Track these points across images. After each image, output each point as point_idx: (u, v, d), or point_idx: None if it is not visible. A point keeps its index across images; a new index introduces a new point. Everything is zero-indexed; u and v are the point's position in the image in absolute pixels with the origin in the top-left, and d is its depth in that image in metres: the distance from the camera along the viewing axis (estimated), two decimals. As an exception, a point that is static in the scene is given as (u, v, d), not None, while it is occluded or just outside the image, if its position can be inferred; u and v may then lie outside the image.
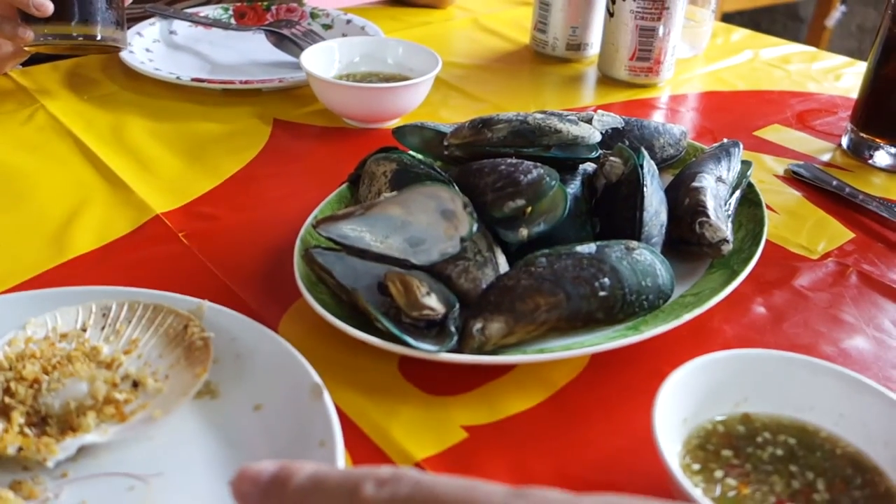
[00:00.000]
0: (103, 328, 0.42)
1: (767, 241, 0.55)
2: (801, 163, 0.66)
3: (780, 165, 0.66)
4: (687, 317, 0.43)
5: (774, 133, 0.72)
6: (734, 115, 0.77)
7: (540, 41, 0.87)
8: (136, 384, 0.38)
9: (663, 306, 0.45)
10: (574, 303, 0.42)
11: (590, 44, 0.86)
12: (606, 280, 0.43)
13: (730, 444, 0.36)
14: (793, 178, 0.64)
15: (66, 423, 0.36)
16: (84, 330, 0.41)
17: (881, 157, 0.66)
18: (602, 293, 0.42)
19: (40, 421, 0.36)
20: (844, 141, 0.70)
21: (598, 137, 0.52)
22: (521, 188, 0.46)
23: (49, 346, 0.40)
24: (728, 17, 2.52)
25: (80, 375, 0.37)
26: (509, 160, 0.49)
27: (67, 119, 0.68)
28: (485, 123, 0.51)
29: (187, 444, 0.36)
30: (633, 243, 0.45)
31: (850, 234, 0.57)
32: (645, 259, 0.44)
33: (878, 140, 0.66)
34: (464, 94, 0.79)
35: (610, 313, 0.43)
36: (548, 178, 0.46)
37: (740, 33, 0.97)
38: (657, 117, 0.77)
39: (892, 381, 0.44)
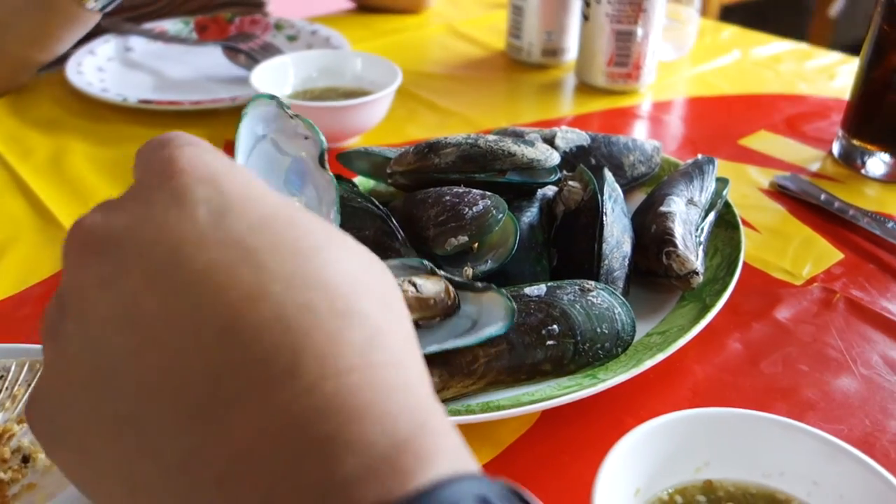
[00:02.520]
0: (10, 387, 0.38)
1: (748, 265, 0.51)
2: (788, 174, 0.61)
3: (765, 178, 0.62)
4: (649, 363, 0.39)
5: (761, 141, 0.68)
6: (719, 123, 0.72)
7: (515, 47, 0.83)
8: (26, 459, 0.34)
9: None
10: (518, 353, 0.38)
11: (566, 49, 0.81)
12: (555, 327, 0.38)
13: (688, 519, 0.32)
14: (778, 192, 0.60)
15: (-62, 512, 0.32)
16: (-14, 392, 0.37)
17: (874, 166, 0.61)
18: (550, 342, 0.38)
19: None
20: (835, 148, 0.65)
21: (556, 159, 0.48)
22: (465, 222, 0.42)
23: (-65, 416, 0.36)
24: (730, 10, 2.47)
25: (-37, 452, 0.33)
26: (456, 189, 0.45)
27: (3, 146, 0.64)
28: (431, 148, 0.47)
29: (75, 530, 0.32)
30: (590, 283, 0.40)
31: (839, 255, 0.52)
32: (602, 302, 0.40)
33: (870, 147, 0.61)
34: (433, 107, 0.74)
35: (559, 364, 0.38)
36: (494, 211, 0.42)
37: (729, 31, 0.93)
38: (638, 126, 0.73)
39: (879, 426, 0.39)
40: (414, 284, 0.37)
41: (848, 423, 0.39)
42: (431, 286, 0.37)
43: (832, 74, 0.81)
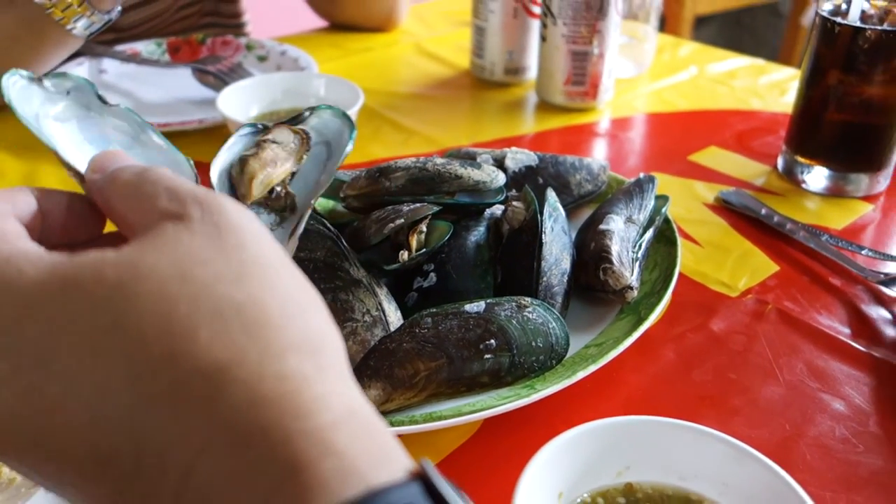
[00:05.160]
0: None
1: (687, 278, 0.54)
2: (732, 189, 0.64)
3: (711, 193, 0.64)
4: (582, 374, 0.41)
5: (710, 157, 0.70)
6: (671, 139, 0.75)
7: (478, 66, 0.86)
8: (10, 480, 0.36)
9: (563, 361, 0.43)
10: (456, 367, 0.40)
11: (528, 67, 0.84)
12: (493, 342, 0.41)
13: (607, 520, 0.34)
14: (722, 207, 0.62)
15: None
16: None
17: (813, 180, 0.64)
18: (488, 356, 0.41)
19: None
20: (779, 163, 0.68)
21: (502, 181, 0.50)
22: (402, 213, 0.45)
23: None
24: (704, 20, 2.50)
25: (-73, 469, 0.35)
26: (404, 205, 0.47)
27: (-22, 170, 0.66)
28: (382, 172, 0.50)
29: (36, 540, 0.34)
30: (526, 300, 0.43)
31: (775, 267, 0.55)
32: (537, 317, 0.42)
33: (810, 162, 0.64)
34: (396, 126, 0.77)
35: (496, 377, 0.41)
36: (430, 206, 0.45)
37: (688, 47, 0.96)
38: (596, 143, 0.75)
39: (798, 431, 0.42)
40: (275, 142, 0.40)
41: (770, 429, 0.42)
42: (283, 135, 0.41)
43: (784, 90, 0.84)
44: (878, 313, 0.50)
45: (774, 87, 0.84)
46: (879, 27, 0.58)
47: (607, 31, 0.75)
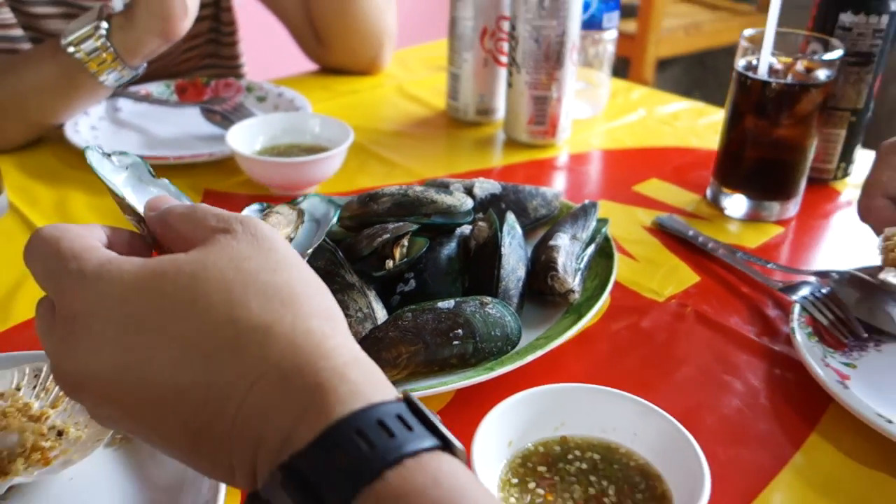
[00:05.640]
0: (35, 387, 0.49)
1: (623, 286, 0.65)
2: (667, 215, 0.75)
3: (649, 217, 0.75)
4: (531, 358, 0.52)
5: (651, 187, 0.82)
6: (619, 172, 0.86)
7: (453, 107, 0.97)
8: (60, 433, 0.46)
9: (517, 349, 0.54)
10: (431, 351, 0.50)
11: (496, 108, 0.96)
12: (460, 331, 0.51)
13: (546, 462, 0.44)
14: (657, 229, 0.74)
15: (1, 468, 0.43)
16: (18, 389, 0.49)
17: (734, 207, 0.76)
18: (456, 342, 0.51)
19: (-21, 465, 0.43)
20: (708, 193, 0.79)
21: (470, 205, 0.61)
22: (387, 230, 0.55)
23: (-12, 403, 0.47)
24: (667, 62, 2.64)
25: (11, 428, 0.45)
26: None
27: (13, 196, 0.76)
28: (371, 198, 0.60)
29: (101, 482, 0.44)
30: (487, 299, 0.54)
31: (696, 278, 0.66)
32: (496, 312, 0.53)
33: (732, 192, 0.76)
34: (381, 160, 0.88)
35: (463, 359, 0.51)
36: (411, 226, 0.56)
37: (639, 92, 1.08)
38: (555, 175, 0.86)
39: (704, 403, 0.52)
40: (278, 213, 0.54)
41: (681, 401, 0.52)
42: (284, 210, 0.55)
43: (719, 130, 0.95)
44: (777, 314, 0.61)
45: (711, 127, 0.96)
46: (783, 80, 0.70)
47: (564, 78, 0.86)
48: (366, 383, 0.31)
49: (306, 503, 0.28)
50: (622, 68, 2.46)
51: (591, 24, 0.93)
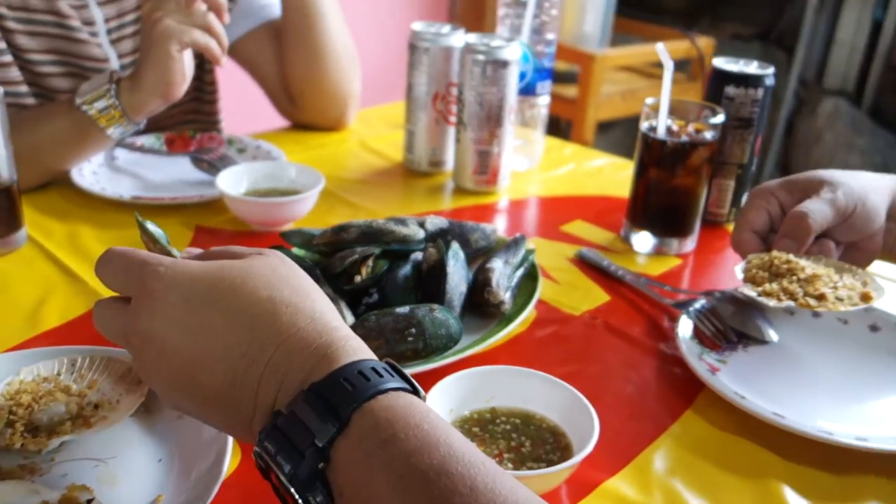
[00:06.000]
0: (72, 374, 0.61)
1: (547, 304, 0.79)
2: (587, 249, 0.90)
3: (572, 251, 0.91)
4: (469, 353, 0.66)
5: (576, 227, 0.97)
6: (550, 215, 1.02)
7: (409, 159, 1.12)
8: (96, 406, 0.58)
9: (459, 346, 0.67)
10: (391, 345, 0.64)
11: (446, 161, 1.11)
12: (413, 330, 0.65)
13: (479, 424, 0.58)
14: (578, 260, 0.89)
15: (52, 430, 0.55)
16: (59, 375, 0.61)
17: (641, 243, 0.92)
18: (410, 339, 0.65)
19: (34, 429, 0.55)
20: (622, 231, 0.95)
21: (422, 235, 0.76)
22: (356, 253, 0.69)
23: (36, 385, 0.59)
24: (606, 125, 2.84)
25: (59, 400, 0.57)
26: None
27: (30, 229, 0.88)
28: (342, 228, 0.74)
29: (131, 439, 0.56)
30: (435, 306, 0.67)
31: (607, 298, 0.81)
32: (442, 316, 0.67)
33: (639, 230, 0.92)
34: (347, 203, 1.02)
35: (415, 353, 0.65)
36: (373, 250, 0.70)
37: (569, 149, 1.24)
38: (496, 216, 1.01)
39: (607, 388, 0.66)
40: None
41: (591, 387, 0.66)
42: None
43: (637, 181, 1.12)
44: (669, 325, 0.76)
45: (628, 179, 1.12)
46: (678, 139, 0.87)
47: (503, 136, 1.02)
48: (360, 348, 0.45)
49: (323, 411, 0.41)
50: (566, 129, 2.66)
51: (527, 90, 1.10)
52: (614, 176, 1.14)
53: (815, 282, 0.69)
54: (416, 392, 0.44)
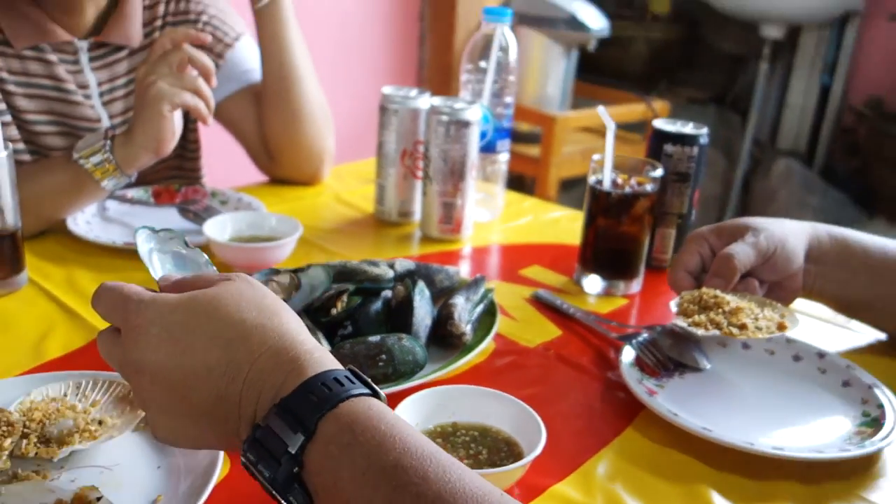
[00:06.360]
0: (77, 395, 0.68)
1: (505, 337, 0.88)
2: (542, 290, 0.99)
3: (529, 292, 0.99)
4: (433, 376, 0.74)
5: (532, 271, 1.06)
6: (510, 261, 1.11)
7: (380, 210, 1.21)
8: (100, 422, 0.65)
9: (424, 371, 0.75)
10: (363, 370, 0.72)
11: (414, 212, 1.20)
12: (384, 356, 0.73)
13: (441, 437, 0.66)
14: (534, 300, 0.98)
15: (61, 441, 0.62)
16: (65, 395, 0.68)
17: (591, 286, 1.01)
18: (381, 364, 0.72)
19: (46, 441, 0.62)
20: (574, 275, 1.04)
21: (391, 275, 0.84)
22: (332, 289, 0.77)
23: (45, 404, 0.66)
24: (569, 182, 2.97)
25: (66, 417, 0.64)
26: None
27: (32, 273, 0.95)
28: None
29: (133, 449, 0.63)
30: (403, 335, 0.76)
31: (559, 332, 0.90)
32: (409, 344, 0.75)
33: (589, 273, 1.01)
34: (323, 249, 1.10)
35: (385, 377, 0.73)
36: (348, 287, 0.78)
37: (529, 202, 1.35)
38: (460, 262, 1.10)
39: (558, 408, 0.74)
40: (275, 282, 0.73)
41: (544, 406, 0.74)
42: (283, 277, 0.76)
43: (590, 231, 1.22)
44: (615, 355, 0.85)
45: (584, 229, 1.22)
46: (621, 191, 0.97)
47: (466, 189, 1.12)
48: (324, 359, 0.53)
49: (293, 422, 0.49)
50: (531, 186, 2.78)
51: (488, 148, 1.20)
52: (569, 226, 1.24)
53: (738, 313, 0.78)
54: (376, 394, 0.51)
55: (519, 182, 2.89)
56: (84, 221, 1.09)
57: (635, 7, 4.07)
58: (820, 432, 0.72)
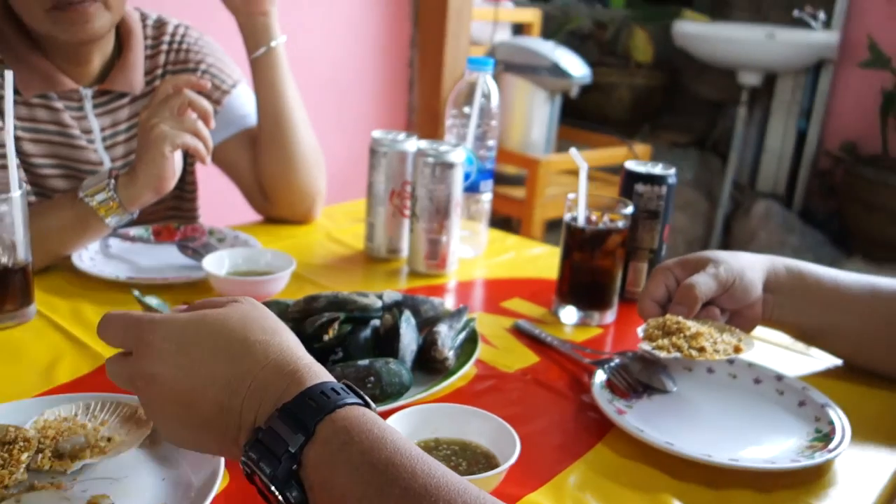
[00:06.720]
0: (87, 415, 0.74)
1: (486, 364, 0.93)
2: (522, 321, 1.06)
3: (510, 322, 1.06)
4: (418, 397, 0.79)
5: (514, 303, 1.13)
6: (492, 293, 1.17)
7: (369, 247, 1.28)
8: (109, 439, 0.70)
9: (409, 394, 0.81)
10: (353, 389, 0.77)
11: (402, 248, 1.27)
12: (372, 378, 0.79)
13: (424, 451, 0.71)
14: (515, 330, 1.04)
15: (74, 455, 0.67)
16: (76, 415, 0.73)
17: (568, 316, 1.07)
18: (369, 385, 0.78)
19: (59, 455, 0.67)
20: (553, 307, 1.10)
21: (379, 305, 0.90)
22: (324, 318, 0.83)
23: (58, 423, 0.71)
24: (553, 223, 3.05)
25: (78, 434, 0.69)
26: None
27: (40, 306, 1.01)
28: (313, 298, 0.89)
29: (139, 463, 0.68)
30: (390, 360, 0.81)
31: (537, 359, 0.96)
32: (396, 368, 0.81)
33: (566, 305, 1.07)
34: (315, 284, 1.16)
35: (374, 397, 0.78)
36: (339, 315, 0.84)
37: (512, 239, 1.41)
38: (446, 296, 1.16)
39: (535, 425, 0.80)
40: None
41: (522, 424, 0.80)
42: None
43: (569, 266, 1.28)
44: (588, 379, 0.91)
45: (563, 265, 1.29)
46: (595, 227, 1.04)
47: (451, 227, 1.19)
48: (321, 373, 0.59)
49: (294, 425, 0.55)
50: (517, 227, 2.86)
51: (472, 188, 1.27)
52: (549, 262, 1.31)
53: (699, 338, 0.84)
54: (367, 405, 0.57)
55: (506, 223, 2.97)
56: (88, 258, 1.15)
57: (619, 55, 4.21)
58: (775, 446, 0.78)
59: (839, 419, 0.80)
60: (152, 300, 0.70)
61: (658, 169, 1.13)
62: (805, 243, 3.63)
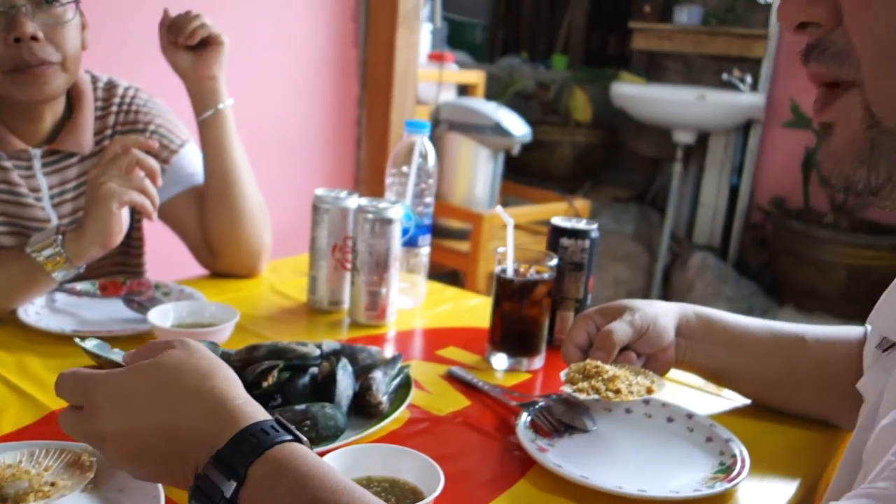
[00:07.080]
0: (31, 461, 0.77)
1: (420, 408, 0.99)
2: (456, 367, 1.11)
3: (444, 369, 1.11)
4: (353, 439, 0.84)
5: (449, 352, 1.19)
6: (429, 342, 1.23)
7: (312, 300, 1.33)
8: (52, 484, 0.73)
9: (344, 436, 0.86)
10: (290, 432, 0.82)
11: (344, 300, 1.32)
12: (308, 422, 0.83)
13: (356, 488, 0.76)
14: (448, 377, 1.09)
15: (18, 500, 0.70)
16: (20, 462, 0.76)
17: (498, 363, 1.14)
18: (306, 428, 0.83)
19: (3, 500, 0.70)
20: (485, 354, 1.17)
21: (317, 353, 0.95)
22: (264, 366, 0.88)
23: (2, 470, 0.74)
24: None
25: (23, 479, 0.72)
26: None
27: (-15, 359, 1.03)
28: (254, 347, 0.94)
29: (82, 507, 0.72)
30: (327, 404, 0.86)
31: (468, 403, 1.01)
32: (331, 412, 0.86)
33: (497, 352, 1.14)
34: (258, 335, 1.21)
35: (310, 440, 0.83)
36: (278, 363, 0.89)
37: (450, 291, 1.48)
38: (385, 345, 1.22)
39: (460, 465, 0.85)
40: None
41: (448, 465, 0.85)
42: None
43: (503, 316, 1.35)
44: (514, 421, 0.97)
45: (497, 315, 1.36)
46: (523, 278, 1.11)
47: (390, 280, 1.25)
48: (254, 412, 0.64)
49: (226, 471, 0.60)
50: (462, 280, 2.93)
51: (411, 242, 1.34)
52: (484, 312, 1.36)
53: (615, 380, 0.91)
54: (297, 439, 0.63)
55: (452, 276, 3.04)
56: (34, 312, 1.18)
57: (560, 114, 4.38)
58: (682, 479, 0.85)
59: (740, 452, 0.88)
60: (90, 343, 0.75)
61: (582, 224, 1.21)
62: (739, 293, 3.78)
